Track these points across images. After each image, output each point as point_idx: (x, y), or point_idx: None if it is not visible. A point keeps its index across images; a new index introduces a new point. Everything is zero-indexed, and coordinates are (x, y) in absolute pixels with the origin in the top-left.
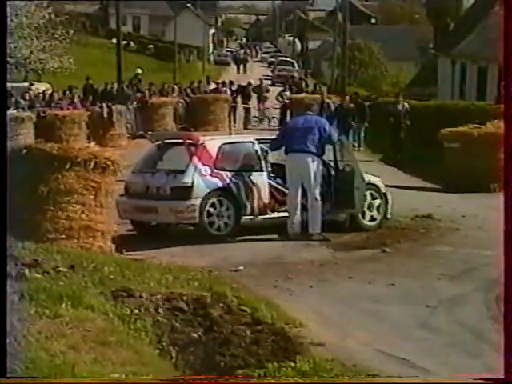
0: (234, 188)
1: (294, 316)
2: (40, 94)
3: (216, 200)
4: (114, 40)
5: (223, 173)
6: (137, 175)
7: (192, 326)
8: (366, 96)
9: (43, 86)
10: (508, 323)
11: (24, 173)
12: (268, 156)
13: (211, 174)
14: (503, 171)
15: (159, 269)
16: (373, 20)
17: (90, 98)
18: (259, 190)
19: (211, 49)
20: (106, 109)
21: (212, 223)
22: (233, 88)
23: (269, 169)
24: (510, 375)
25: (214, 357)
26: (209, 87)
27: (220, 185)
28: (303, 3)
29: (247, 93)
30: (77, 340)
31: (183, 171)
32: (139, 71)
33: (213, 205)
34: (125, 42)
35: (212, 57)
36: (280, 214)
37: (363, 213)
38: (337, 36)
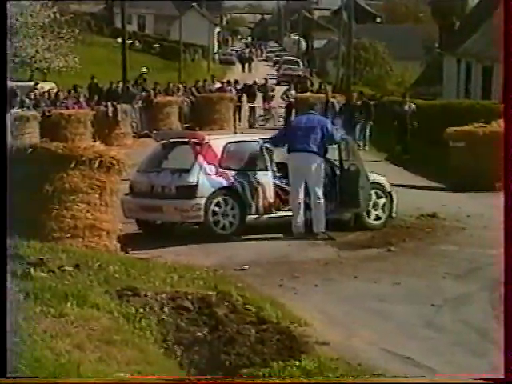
0: (239, 187)
1: (299, 315)
2: (45, 93)
3: (221, 199)
4: (119, 39)
5: (228, 172)
6: (142, 174)
7: (197, 325)
8: (371, 95)
9: (48, 85)
10: (508, 323)
11: (29, 172)
12: (273, 155)
13: (216, 173)
14: (503, 171)
15: (164, 268)
16: (378, 19)
17: (96, 98)
18: (264, 189)
19: (216, 48)
20: (111, 108)
21: (217, 222)
22: (238, 87)
23: (274, 168)
24: (510, 375)
25: (219, 356)
26: (214, 86)
27: (225, 184)
28: (308, 2)
29: (253, 92)
30: (82, 339)
31: (188, 170)
32: (144, 70)
33: (218, 204)
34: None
35: (217, 56)
36: (285, 213)
37: (368, 212)
38: (342, 35)
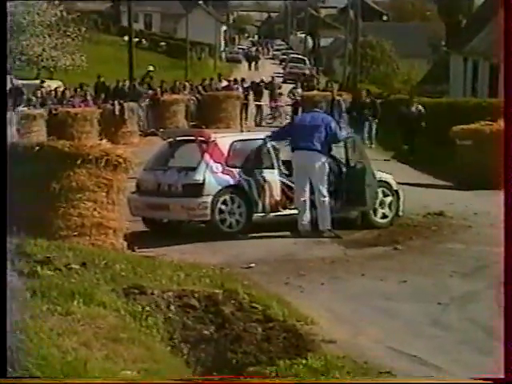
0: (246, 185)
1: (306, 313)
2: (52, 92)
3: (228, 197)
4: (126, 37)
5: (235, 170)
6: (148, 172)
7: (203, 323)
8: (378, 93)
9: (55, 84)
10: (508, 323)
11: (36, 170)
12: (280, 153)
13: (223, 172)
14: (503, 170)
15: (171, 266)
16: (384, 17)
17: (102, 96)
18: (271, 188)
19: (223, 46)
20: (118, 106)
21: (223, 220)
22: (244, 85)
23: (280, 166)
24: (510, 375)
25: (226, 354)
26: (220, 85)
27: (231, 182)
28: (315, 0)
29: (260, 90)
30: (89, 337)
31: (195, 168)
32: (151, 69)
33: (224, 202)
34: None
35: (223, 54)
36: (291, 212)
37: (375, 210)
38: (348, 33)
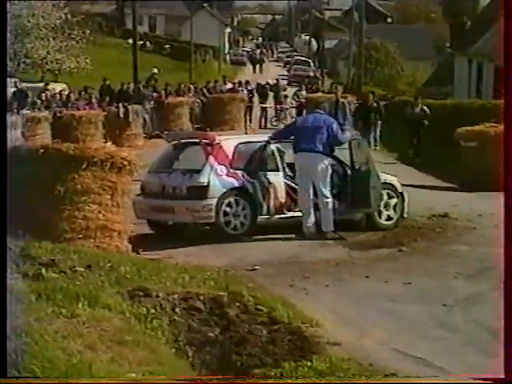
0: (250, 187)
1: (311, 315)
2: (56, 95)
3: (232, 199)
4: (131, 40)
5: (239, 172)
6: (153, 175)
7: (208, 326)
8: (383, 95)
9: (60, 87)
10: (508, 323)
11: (41, 173)
12: (285, 155)
13: (227, 174)
14: (503, 171)
15: (176, 268)
16: (389, 19)
17: (107, 99)
18: (275, 190)
19: (227, 48)
20: (123, 109)
21: (228, 223)
22: (249, 88)
23: (285, 168)
24: (510, 375)
25: (231, 356)
26: (225, 87)
27: (236, 184)
28: (319, 2)
29: (265, 92)
30: (94, 339)
31: (199, 171)
32: (155, 71)
33: (229, 204)
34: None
35: (228, 56)
36: (296, 214)
37: (379, 212)
38: (353, 35)
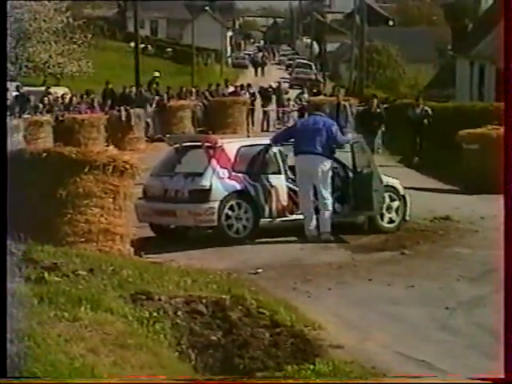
0: (253, 191)
1: (313, 318)
2: (58, 98)
3: (234, 203)
4: (132, 43)
5: (241, 175)
6: (155, 178)
7: (211, 329)
8: (384, 98)
9: (62, 90)
10: (508, 324)
11: (43, 176)
12: (287, 158)
13: (229, 177)
14: (503, 172)
15: (178, 272)
16: (390, 22)
17: (109, 102)
18: (277, 193)
19: (229, 52)
20: (125, 112)
21: (230, 226)
22: (251, 91)
23: (287, 171)
24: (510, 375)
25: (233, 359)
26: (227, 90)
27: (238, 187)
28: (321, 5)
29: (268, 95)
30: (96, 343)
31: (201, 174)
32: (157, 74)
33: (231, 207)
34: (143, 46)
35: (230, 60)
36: (298, 217)
37: (382, 215)
38: (355, 38)
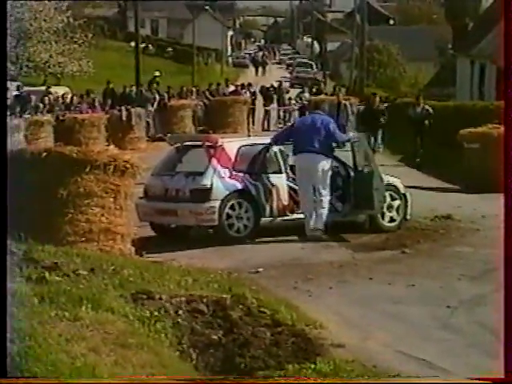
0: (253, 190)
1: (314, 317)
2: (59, 98)
3: (235, 202)
4: (133, 43)
5: (242, 175)
6: (156, 178)
7: (212, 328)
8: (385, 97)
9: (62, 90)
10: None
11: (44, 176)
12: (287, 157)
13: (230, 176)
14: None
15: (179, 271)
16: (391, 21)
17: (109, 102)
18: (278, 192)
19: (229, 51)
20: (125, 112)
21: (231, 225)
22: (251, 90)
23: (288, 170)
24: (510, 375)
25: (234, 358)
26: (227, 90)
27: (239, 187)
28: (321, 5)
29: (269, 95)
30: (97, 342)
31: (202, 173)
32: (157, 74)
33: (232, 207)
34: (143, 45)
35: (230, 59)
36: (299, 216)
37: (382, 214)
38: (355, 37)
